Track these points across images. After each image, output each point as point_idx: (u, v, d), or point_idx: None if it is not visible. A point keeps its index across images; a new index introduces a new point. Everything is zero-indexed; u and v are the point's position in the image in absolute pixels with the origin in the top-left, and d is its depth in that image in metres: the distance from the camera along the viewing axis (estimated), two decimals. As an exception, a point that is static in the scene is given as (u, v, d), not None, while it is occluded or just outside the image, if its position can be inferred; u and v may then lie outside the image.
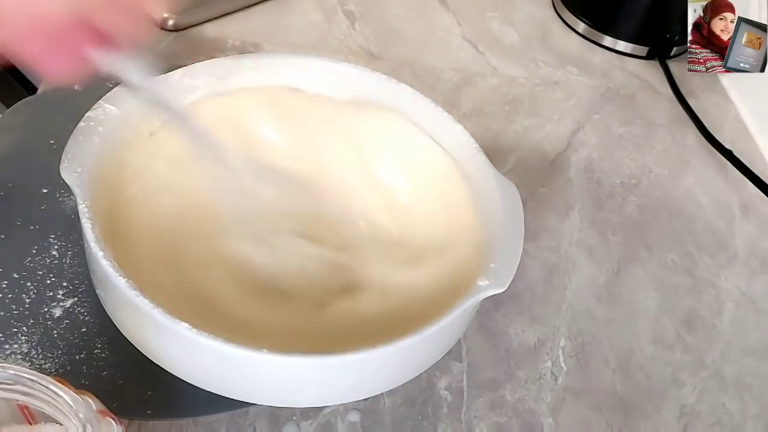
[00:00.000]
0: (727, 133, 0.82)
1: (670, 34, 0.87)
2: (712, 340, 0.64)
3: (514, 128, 0.78)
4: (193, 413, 0.51)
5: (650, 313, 0.65)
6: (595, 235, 0.69)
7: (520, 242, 0.53)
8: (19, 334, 0.53)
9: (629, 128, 0.81)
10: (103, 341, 0.53)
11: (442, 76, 0.82)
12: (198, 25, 0.80)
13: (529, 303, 0.63)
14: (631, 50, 0.89)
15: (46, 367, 0.51)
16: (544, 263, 0.66)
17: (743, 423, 0.59)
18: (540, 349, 0.60)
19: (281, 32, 0.82)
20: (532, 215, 0.68)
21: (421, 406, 0.55)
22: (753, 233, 0.73)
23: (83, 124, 0.54)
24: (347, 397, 0.52)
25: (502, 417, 0.56)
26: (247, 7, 0.83)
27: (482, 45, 0.87)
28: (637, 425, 0.57)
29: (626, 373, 0.60)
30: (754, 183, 0.75)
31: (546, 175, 0.74)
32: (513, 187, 0.57)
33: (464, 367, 0.58)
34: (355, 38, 0.84)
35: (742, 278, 0.69)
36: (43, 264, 0.57)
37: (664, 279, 0.67)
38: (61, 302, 0.55)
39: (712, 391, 0.60)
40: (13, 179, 0.61)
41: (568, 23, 0.92)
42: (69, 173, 0.51)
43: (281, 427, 0.52)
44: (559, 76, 0.85)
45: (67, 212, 0.60)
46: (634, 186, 0.75)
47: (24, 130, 0.65)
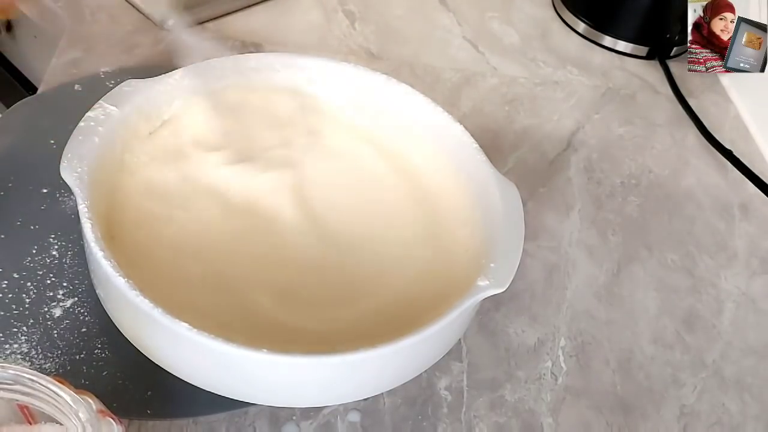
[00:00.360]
0: (727, 133, 0.82)
1: (670, 34, 0.87)
2: (712, 340, 0.64)
3: (514, 128, 0.78)
4: (193, 413, 0.51)
5: (650, 313, 0.65)
6: (595, 235, 0.69)
7: (520, 242, 0.53)
8: (19, 334, 0.53)
9: (629, 128, 0.81)
10: (103, 341, 0.53)
11: (442, 76, 0.82)
12: (198, 25, 0.80)
13: (529, 303, 0.63)
14: (631, 50, 0.89)
15: (46, 367, 0.51)
16: (544, 263, 0.66)
17: (743, 423, 0.59)
18: (540, 349, 0.60)
19: (281, 32, 0.82)
20: (532, 215, 0.68)
21: (421, 406, 0.55)
22: (753, 233, 0.73)
23: (83, 124, 0.54)
24: (347, 397, 0.52)
25: (502, 417, 0.56)
26: (247, 7, 0.83)
27: (482, 45, 0.87)
28: (637, 425, 0.57)
29: (626, 373, 0.60)
30: (754, 183, 0.75)
31: (546, 175, 0.74)
32: (513, 187, 0.57)
33: (464, 367, 0.58)
34: (355, 38, 0.84)
35: (742, 278, 0.69)
36: (43, 264, 0.57)
37: (664, 279, 0.67)
38: (61, 302, 0.55)
39: (712, 391, 0.60)
40: (13, 179, 0.61)
41: (568, 23, 0.92)
42: (69, 173, 0.51)
43: (281, 427, 0.52)
44: (559, 76, 0.85)
45: (67, 212, 0.60)
46: (634, 186, 0.75)
47: (24, 130, 0.65)
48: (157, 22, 0.78)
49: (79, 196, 0.50)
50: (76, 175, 0.51)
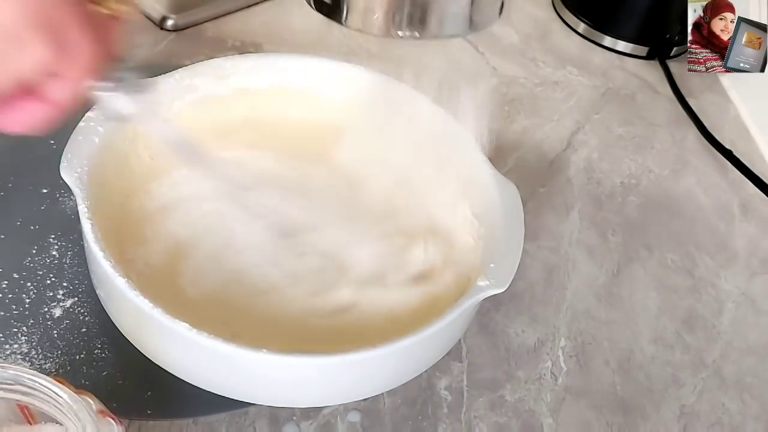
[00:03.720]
0: (727, 133, 0.82)
1: (670, 34, 0.87)
2: (712, 340, 0.64)
3: (514, 128, 0.78)
4: (193, 413, 0.51)
5: (650, 313, 0.65)
6: (594, 235, 0.69)
7: (520, 242, 0.53)
8: (19, 334, 0.53)
9: (629, 128, 0.81)
10: (103, 341, 0.53)
11: (442, 76, 0.81)
12: (198, 25, 0.80)
13: (529, 303, 0.63)
14: (631, 50, 0.89)
15: (46, 367, 0.51)
16: (544, 263, 0.66)
17: (743, 423, 0.59)
18: (540, 349, 0.60)
19: (281, 32, 0.82)
20: (532, 215, 0.68)
21: (421, 406, 0.55)
22: (753, 233, 0.73)
23: (83, 124, 0.54)
24: (347, 397, 0.52)
25: (502, 417, 0.56)
26: (247, 7, 0.83)
27: (482, 45, 0.86)
28: (637, 425, 0.57)
29: (626, 373, 0.60)
30: (754, 183, 0.75)
31: (546, 175, 0.74)
32: (513, 187, 0.57)
33: (464, 367, 0.58)
34: (355, 38, 0.84)
35: (742, 278, 0.69)
36: (43, 264, 0.57)
37: (664, 279, 0.67)
38: (61, 302, 0.55)
39: (712, 391, 0.60)
40: (13, 179, 0.61)
41: (568, 23, 0.92)
42: (69, 173, 0.51)
43: (281, 427, 0.52)
44: (559, 76, 0.85)
45: (67, 212, 0.60)
46: (634, 186, 0.75)
47: (24, 130, 0.65)
48: (157, 22, 0.78)
49: (79, 196, 0.50)
50: (76, 175, 0.51)
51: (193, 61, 0.62)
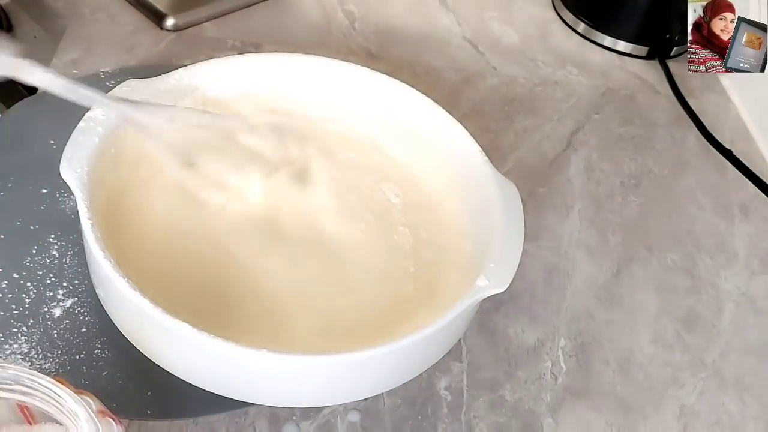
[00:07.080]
0: (727, 133, 0.82)
1: (670, 34, 0.87)
2: (712, 340, 0.64)
3: (514, 128, 0.78)
4: (193, 413, 0.51)
5: (650, 313, 0.65)
6: (594, 235, 0.69)
7: (519, 242, 0.53)
8: (19, 334, 0.53)
9: (629, 128, 0.81)
10: (103, 341, 0.53)
11: (442, 76, 0.81)
12: (198, 25, 0.80)
13: (528, 303, 0.63)
14: (631, 50, 0.89)
15: (46, 367, 0.51)
16: (544, 263, 0.66)
17: (743, 423, 0.59)
18: (540, 349, 0.60)
19: (281, 32, 0.82)
20: (532, 215, 0.68)
21: (421, 406, 0.55)
22: (753, 233, 0.73)
23: (83, 124, 0.54)
24: (347, 397, 0.52)
25: (501, 417, 0.56)
26: (247, 7, 0.83)
27: (482, 45, 0.86)
28: (637, 425, 0.57)
29: (626, 373, 0.60)
30: (754, 183, 0.75)
31: (546, 175, 0.74)
32: (513, 187, 0.57)
33: (464, 367, 0.58)
34: (355, 38, 0.84)
35: (742, 278, 0.69)
36: (43, 264, 0.57)
37: (664, 279, 0.67)
38: (61, 302, 0.55)
39: (712, 391, 0.60)
40: (13, 179, 0.61)
41: (568, 23, 0.92)
42: (69, 173, 0.51)
43: (281, 427, 0.52)
44: (559, 76, 0.85)
45: (67, 212, 0.60)
46: (634, 186, 0.75)
47: (24, 130, 0.65)
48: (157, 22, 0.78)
49: (79, 196, 0.50)
50: (76, 175, 0.51)
51: (193, 61, 0.62)
